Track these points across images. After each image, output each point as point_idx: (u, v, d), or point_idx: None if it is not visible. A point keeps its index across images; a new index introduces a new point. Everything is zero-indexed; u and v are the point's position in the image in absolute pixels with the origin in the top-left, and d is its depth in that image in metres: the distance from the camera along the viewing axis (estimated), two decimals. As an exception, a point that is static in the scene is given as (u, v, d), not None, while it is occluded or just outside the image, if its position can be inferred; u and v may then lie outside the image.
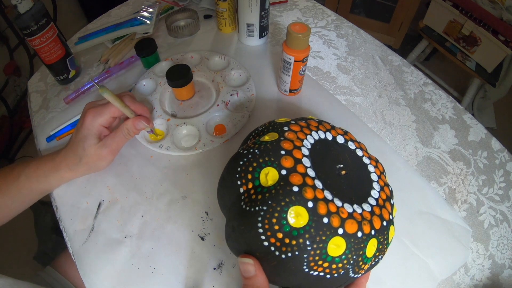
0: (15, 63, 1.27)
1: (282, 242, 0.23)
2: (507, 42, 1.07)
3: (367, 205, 0.26)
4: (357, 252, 0.24)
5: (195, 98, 0.53)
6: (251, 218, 0.24)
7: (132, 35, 0.65)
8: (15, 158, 1.31)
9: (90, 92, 0.57)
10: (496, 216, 0.44)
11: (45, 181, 0.40)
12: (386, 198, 0.28)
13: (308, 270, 0.24)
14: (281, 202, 0.23)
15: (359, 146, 0.31)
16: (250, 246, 0.25)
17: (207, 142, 0.46)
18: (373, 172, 0.29)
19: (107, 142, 0.40)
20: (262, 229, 0.24)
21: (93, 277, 0.37)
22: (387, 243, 0.27)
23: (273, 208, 0.23)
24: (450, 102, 0.56)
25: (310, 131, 0.29)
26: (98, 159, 0.40)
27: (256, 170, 0.26)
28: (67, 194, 0.43)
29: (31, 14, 0.48)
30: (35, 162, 0.40)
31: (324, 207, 0.23)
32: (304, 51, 0.46)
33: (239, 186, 0.26)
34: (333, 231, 0.23)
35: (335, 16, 0.71)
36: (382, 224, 0.26)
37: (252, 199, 0.25)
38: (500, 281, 0.40)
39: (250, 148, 0.27)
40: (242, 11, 0.57)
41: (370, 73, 0.59)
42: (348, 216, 0.24)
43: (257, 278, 0.25)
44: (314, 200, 0.23)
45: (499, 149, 0.51)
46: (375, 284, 0.37)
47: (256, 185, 0.25)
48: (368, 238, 0.25)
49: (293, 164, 0.25)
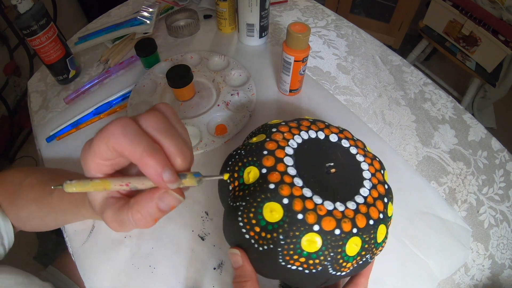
0: (15, 63, 1.27)
1: (260, 235, 0.25)
2: (507, 42, 1.07)
3: (352, 203, 0.26)
4: (334, 249, 0.24)
5: (196, 98, 0.53)
6: (234, 213, 0.26)
7: (132, 35, 0.65)
8: (15, 158, 1.31)
9: (90, 92, 0.57)
10: (496, 216, 0.44)
11: (77, 211, 0.35)
12: (378, 197, 0.28)
13: (285, 264, 0.25)
14: (257, 198, 0.25)
15: (354, 144, 0.31)
16: (236, 238, 0.27)
17: (209, 142, 0.46)
18: (366, 170, 0.29)
19: (123, 220, 0.22)
20: (242, 223, 0.26)
21: (93, 277, 0.37)
22: (376, 242, 0.27)
23: (251, 203, 0.25)
24: (450, 102, 0.56)
25: (299, 131, 0.30)
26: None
27: (240, 169, 0.28)
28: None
29: (31, 14, 0.48)
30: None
31: (300, 204, 0.24)
32: (304, 51, 0.46)
33: (228, 183, 0.29)
34: (307, 227, 0.24)
35: (335, 16, 0.71)
36: (368, 223, 0.26)
37: (235, 196, 0.27)
38: (500, 281, 0.40)
39: (239, 149, 0.30)
40: (242, 11, 0.57)
41: (370, 73, 0.59)
42: (327, 214, 0.25)
43: (244, 268, 0.26)
44: (290, 197, 0.25)
45: (499, 149, 0.51)
46: (375, 284, 0.37)
47: (240, 183, 0.28)
48: (348, 236, 0.25)
49: (274, 163, 0.27)
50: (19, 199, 0.36)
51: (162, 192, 0.21)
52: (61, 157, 0.49)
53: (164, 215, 0.22)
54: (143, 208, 0.21)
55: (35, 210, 0.36)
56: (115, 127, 0.20)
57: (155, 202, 0.21)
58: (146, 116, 0.21)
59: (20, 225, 0.39)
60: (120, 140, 0.19)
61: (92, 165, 0.21)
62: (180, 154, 0.21)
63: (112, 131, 0.20)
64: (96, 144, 0.20)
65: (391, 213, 0.29)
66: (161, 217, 0.22)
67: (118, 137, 0.19)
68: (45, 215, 0.36)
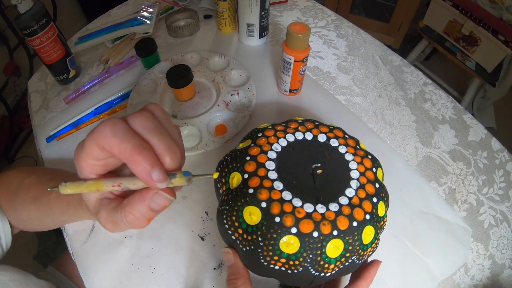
0: (15, 63, 1.27)
1: (243, 237, 0.26)
2: (507, 42, 1.07)
3: (335, 204, 0.26)
4: (313, 251, 0.25)
5: (196, 98, 0.53)
6: (220, 216, 0.28)
7: (132, 35, 0.65)
8: (15, 158, 1.31)
9: (90, 92, 0.57)
10: (496, 216, 0.44)
11: (74, 212, 0.35)
12: (366, 197, 0.27)
13: (267, 264, 0.26)
14: (238, 202, 0.26)
15: (344, 143, 0.30)
16: (226, 239, 0.29)
17: (209, 142, 0.46)
18: (355, 169, 0.29)
19: (116, 219, 0.23)
20: (227, 225, 0.27)
21: (93, 277, 0.37)
22: (361, 244, 0.26)
23: (232, 207, 0.27)
24: (450, 102, 0.56)
25: (284, 134, 0.30)
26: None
27: (227, 175, 0.29)
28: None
29: (31, 14, 0.48)
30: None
31: (278, 207, 0.25)
32: (304, 51, 0.46)
33: (219, 188, 0.30)
34: (284, 230, 0.25)
35: (335, 16, 0.71)
36: (351, 225, 0.25)
37: (222, 200, 0.29)
38: (500, 281, 0.40)
39: (227, 156, 0.31)
40: (242, 11, 0.57)
41: (370, 73, 0.59)
42: (305, 216, 0.25)
43: (236, 266, 0.28)
44: (268, 200, 0.26)
45: (499, 149, 0.51)
46: (375, 284, 0.36)
47: (227, 188, 0.29)
48: (328, 239, 0.25)
49: (255, 168, 0.28)
50: (18, 199, 0.36)
51: (153, 193, 0.21)
52: (61, 157, 0.49)
53: (156, 215, 0.23)
54: (134, 208, 0.21)
55: (33, 210, 0.36)
56: (105, 127, 0.20)
57: (147, 202, 0.21)
58: (135, 116, 0.21)
59: (20, 225, 0.39)
60: (110, 140, 0.20)
61: (84, 165, 0.22)
62: (169, 153, 0.21)
63: (101, 131, 0.20)
64: (88, 145, 0.20)
65: (383, 213, 0.28)
66: (154, 217, 0.23)
67: (107, 137, 0.20)
68: (43, 215, 0.37)
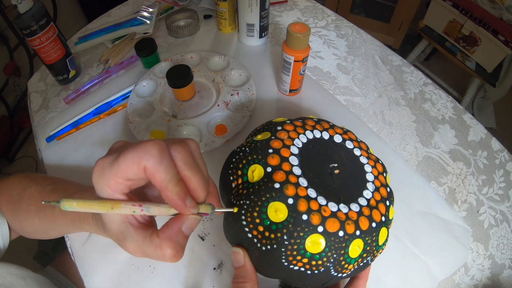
0: (15, 63, 1.27)
1: (263, 235, 0.25)
2: (507, 42, 1.07)
3: (356, 205, 0.26)
4: (338, 251, 0.24)
5: (196, 98, 0.53)
6: (237, 212, 0.26)
7: (132, 35, 0.65)
8: (15, 158, 1.31)
9: (90, 92, 0.57)
10: (496, 216, 0.44)
11: (79, 225, 0.34)
12: (381, 200, 0.28)
13: (288, 264, 0.24)
14: (262, 197, 0.25)
15: (358, 146, 0.31)
16: (237, 237, 0.27)
17: (209, 142, 0.46)
18: (369, 172, 0.29)
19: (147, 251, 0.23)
20: (245, 222, 0.25)
21: (93, 277, 0.37)
22: (377, 245, 0.27)
23: (255, 202, 0.25)
24: (450, 102, 0.56)
25: (304, 131, 0.30)
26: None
27: (245, 167, 0.27)
28: (67, 194, 0.43)
29: (31, 14, 0.48)
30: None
31: (305, 204, 0.24)
32: (304, 51, 0.46)
33: (231, 181, 0.28)
34: (311, 228, 0.24)
35: (335, 16, 0.71)
36: (370, 226, 0.26)
37: (239, 194, 0.27)
38: (500, 281, 0.40)
39: (243, 147, 0.29)
40: (242, 11, 0.57)
41: (370, 73, 0.59)
42: (331, 215, 0.25)
43: (245, 268, 0.26)
44: (295, 197, 0.24)
45: (499, 149, 0.51)
46: (375, 284, 0.37)
47: (244, 181, 0.27)
48: (352, 239, 0.25)
49: (279, 162, 0.26)
50: (21, 211, 0.36)
51: (185, 218, 0.22)
52: (61, 157, 0.49)
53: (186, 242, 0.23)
54: (173, 241, 0.22)
55: (38, 224, 0.36)
56: (153, 149, 0.20)
57: (181, 230, 0.22)
58: (177, 148, 0.22)
59: (25, 235, 0.38)
60: (156, 165, 0.20)
61: (112, 183, 0.21)
62: (204, 189, 0.23)
63: (149, 152, 0.20)
64: (125, 162, 0.20)
65: (392, 216, 0.29)
66: (185, 245, 0.23)
67: (155, 162, 0.20)
68: (48, 228, 0.36)
